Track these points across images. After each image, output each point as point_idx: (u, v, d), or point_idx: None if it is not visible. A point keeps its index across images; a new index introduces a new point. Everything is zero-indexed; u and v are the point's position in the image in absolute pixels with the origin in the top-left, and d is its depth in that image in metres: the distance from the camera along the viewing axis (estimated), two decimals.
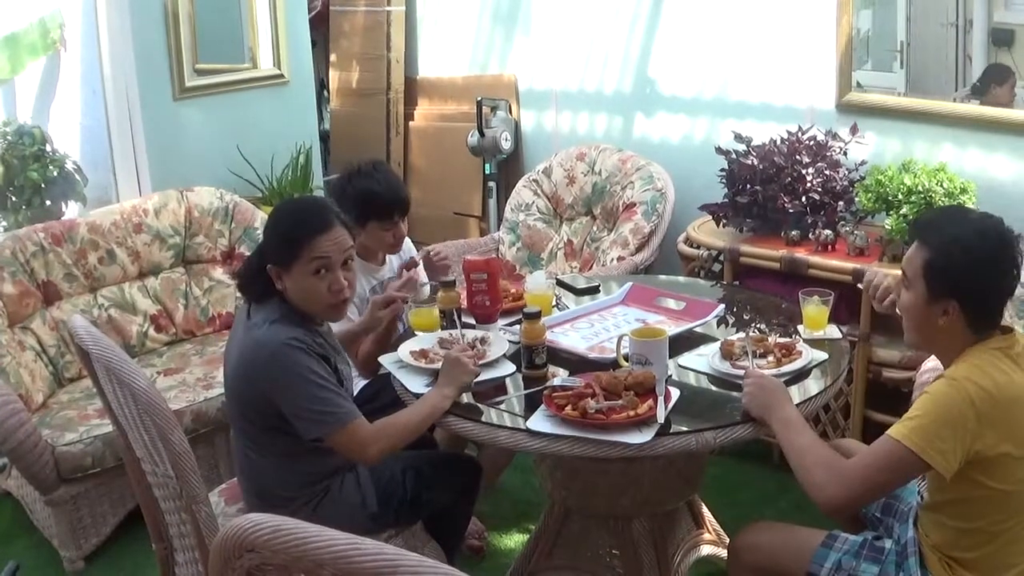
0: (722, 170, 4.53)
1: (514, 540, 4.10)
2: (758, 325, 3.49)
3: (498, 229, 5.55)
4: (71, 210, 5.09)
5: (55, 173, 4.96)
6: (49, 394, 4.32)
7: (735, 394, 2.87)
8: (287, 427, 2.85)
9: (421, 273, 3.81)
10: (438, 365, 3.03)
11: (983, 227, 2.48)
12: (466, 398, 2.97)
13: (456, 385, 2.93)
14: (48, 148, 4.99)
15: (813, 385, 2.97)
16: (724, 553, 3.55)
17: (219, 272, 5.02)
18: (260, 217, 5.07)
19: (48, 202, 4.97)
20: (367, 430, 2.84)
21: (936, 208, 3.72)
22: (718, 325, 3.45)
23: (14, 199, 4.93)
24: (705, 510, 3.65)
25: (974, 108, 4.30)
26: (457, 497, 3.34)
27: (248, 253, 4.87)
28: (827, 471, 2.49)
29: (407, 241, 3.92)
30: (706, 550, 3.59)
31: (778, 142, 4.45)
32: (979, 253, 2.45)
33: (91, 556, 4.05)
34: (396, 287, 3.54)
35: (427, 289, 3.66)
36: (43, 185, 4.91)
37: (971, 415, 2.35)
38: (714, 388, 3.01)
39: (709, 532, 3.63)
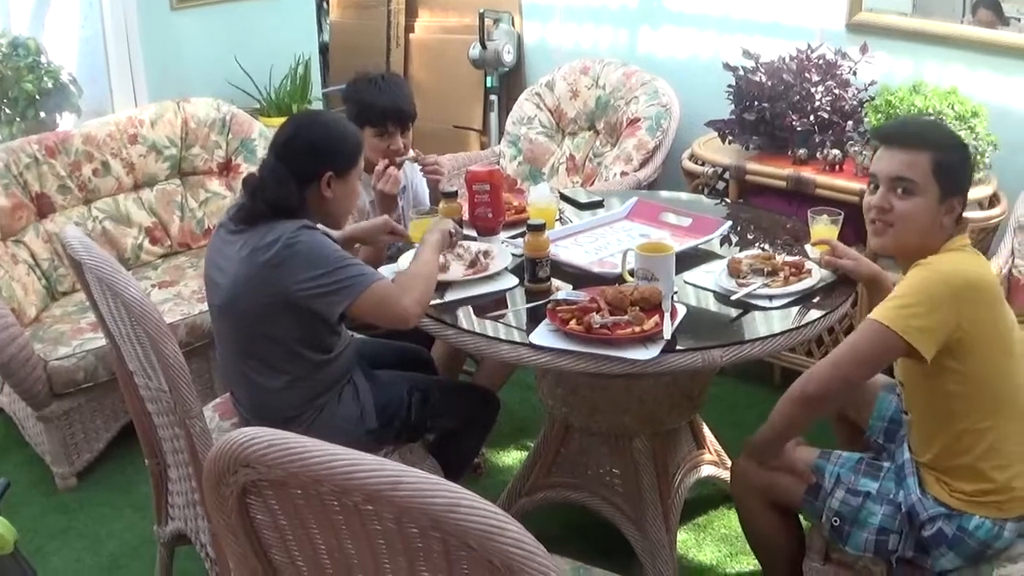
0: (729, 87, 4.45)
1: (512, 457, 4.09)
2: (762, 244, 3.43)
3: (499, 143, 5.48)
4: (66, 121, 5.01)
5: (50, 85, 4.88)
6: (42, 308, 4.28)
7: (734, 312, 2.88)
8: (307, 333, 2.84)
9: (414, 173, 3.78)
10: (439, 276, 3.00)
11: (948, 126, 2.72)
12: (470, 314, 2.93)
13: (439, 229, 3.05)
14: (43, 59, 4.90)
15: (822, 305, 2.93)
16: (725, 473, 3.54)
17: (215, 184, 4.95)
18: (258, 128, 5.01)
19: (42, 114, 4.90)
20: (393, 286, 2.83)
21: (899, 119, 3.75)
22: (722, 244, 3.39)
23: (8, 111, 4.86)
24: (706, 430, 3.62)
25: (984, 32, 4.23)
26: (466, 428, 3.32)
27: (246, 166, 4.84)
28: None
29: (414, 166, 3.83)
30: (707, 470, 3.56)
31: (787, 59, 4.37)
32: (966, 148, 2.70)
33: (83, 472, 4.04)
34: (374, 181, 3.54)
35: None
36: (37, 97, 4.83)
37: (947, 292, 2.45)
38: (720, 306, 2.96)
39: (710, 452, 3.60)
